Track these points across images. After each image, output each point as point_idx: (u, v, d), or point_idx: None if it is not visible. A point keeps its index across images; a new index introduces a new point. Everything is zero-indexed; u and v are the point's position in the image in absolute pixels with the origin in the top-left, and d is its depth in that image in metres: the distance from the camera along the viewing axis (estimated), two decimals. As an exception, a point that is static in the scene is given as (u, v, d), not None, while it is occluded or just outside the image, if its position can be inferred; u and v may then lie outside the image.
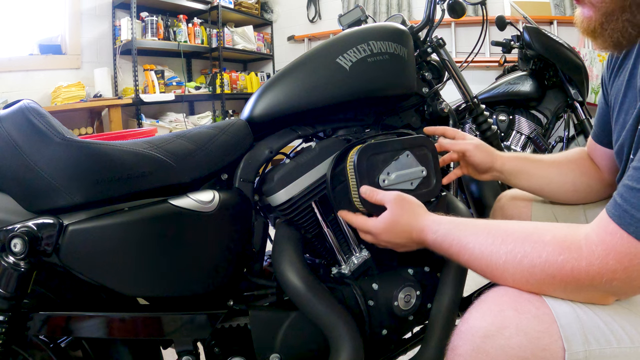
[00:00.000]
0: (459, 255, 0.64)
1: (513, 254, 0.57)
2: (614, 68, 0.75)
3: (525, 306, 0.54)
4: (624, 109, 0.69)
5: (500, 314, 0.54)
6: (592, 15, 0.64)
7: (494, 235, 0.60)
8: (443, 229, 0.68)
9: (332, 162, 0.84)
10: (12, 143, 0.68)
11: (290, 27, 4.70)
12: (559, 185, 0.91)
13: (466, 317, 0.58)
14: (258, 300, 0.88)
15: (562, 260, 0.53)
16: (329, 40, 0.90)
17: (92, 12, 3.47)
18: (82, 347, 0.79)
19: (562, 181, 0.90)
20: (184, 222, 0.76)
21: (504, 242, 0.59)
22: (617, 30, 0.61)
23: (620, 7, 0.60)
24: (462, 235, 0.64)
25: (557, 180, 0.91)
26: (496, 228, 0.62)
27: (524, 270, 0.56)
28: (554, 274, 0.54)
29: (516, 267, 0.56)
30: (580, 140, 2.39)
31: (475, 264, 0.62)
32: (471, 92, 1.25)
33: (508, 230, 0.60)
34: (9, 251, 0.65)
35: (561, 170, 0.91)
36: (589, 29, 0.65)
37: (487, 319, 0.54)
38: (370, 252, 0.91)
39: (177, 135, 0.81)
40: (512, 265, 0.57)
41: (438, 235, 0.68)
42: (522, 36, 2.24)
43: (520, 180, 0.93)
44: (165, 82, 3.75)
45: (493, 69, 3.40)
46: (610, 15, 0.61)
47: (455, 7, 1.13)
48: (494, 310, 0.55)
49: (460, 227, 0.66)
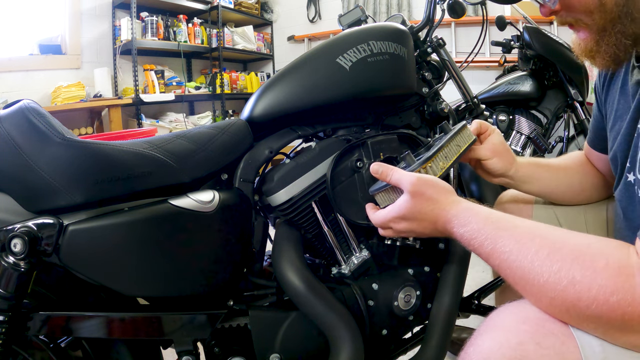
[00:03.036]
0: (489, 258, 0.56)
1: (558, 277, 0.48)
2: (607, 77, 0.75)
3: (549, 340, 0.48)
4: (618, 117, 0.70)
5: (519, 347, 0.47)
6: (587, 36, 0.65)
7: (539, 245, 0.51)
8: (475, 222, 0.59)
9: (332, 162, 0.84)
10: (12, 143, 0.68)
11: (290, 27, 4.70)
12: (566, 188, 0.91)
13: (478, 343, 0.51)
14: (258, 300, 0.88)
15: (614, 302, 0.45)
16: (329, 40, 0.90)
17: (92, 12, 3.47)
18: (82, 347, 0.79)
19: (569, 184, 0.90)
20: (184, 222, 0.76)
21: (549, 257, 0.50)
22: (612, 44, 0.62)
23: (610, 21, 0.61)
24: (497, 236, 0.56)
25: (564, 183, 0.91)
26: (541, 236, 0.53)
27: (566, 301, 0.48)
28: (600, 315, 0.46)
29: (558, 293, 0.48)
30: (580, 141, 2.39)
31: (507, 273, 0.54)
32: (471, 92, 1.25)
33: (556, 242, 0.51)
34: (9, 251, 0.65)
35: (567, 173, 0.91)
36: (586, 50, 0.66)
37: (504, 351, 0.48)
38: (370, 252, 0.91)
39: (177, 135, 0.81)
40: (553, 290, 0.49)
41: (466, 230, 0.60)
42: (522, 36, 2.24)
43: (529, 186, 0.91)
44: (165, 82, 3.75)
45: (493, 69, 3.40)
46: (603, 31, 0.62)
47: (455, 7, 1.13)
48: (512, 342, 0.48)
49: (497, 225, 0.57)
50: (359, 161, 0.87)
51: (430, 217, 0.65)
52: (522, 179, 0.89)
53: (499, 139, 0.88)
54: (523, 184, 0.90)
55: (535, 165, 0.91)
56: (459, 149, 0.81)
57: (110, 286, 0.71)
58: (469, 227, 0.60)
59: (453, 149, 0.80)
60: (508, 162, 0.87)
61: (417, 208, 0.66)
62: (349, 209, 0.86)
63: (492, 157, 0.87)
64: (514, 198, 1.01)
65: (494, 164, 0.87)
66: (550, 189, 0.91)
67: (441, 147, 0.77)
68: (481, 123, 0.88)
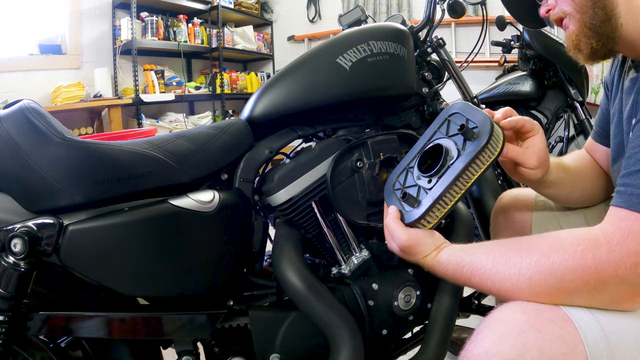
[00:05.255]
0: (471, 279, 0.61)
1: (528, 260, 0.55)
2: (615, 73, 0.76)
3: (548, 326, 0.50)
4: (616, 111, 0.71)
5: (521, 336, 0.49)
6: (572, 29, 0.67)
7: (510, 250, 0.58)
8: (453, 258, 0.65)
9: (332, 162, 0.84)
10: (12, 143, 0.68)
11: (290, 27, 4.70)
12: (582, 191, 0.87)
13: (479, 338, 0.52)
14: (258, 300, 0.88)
15: (581, 250, 0.52)
16: (329, 40, 0.90)
17: (92, 12, 3.47)
18: (82, 347, 0.79)
19: (584, 187, 0.87)
20: (184, 222, 0.76)
21: (518, 250, 0.57)
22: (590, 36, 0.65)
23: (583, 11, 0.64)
24: (472, 259, 0.62)
25: (579, 188, 0.87)
26: (507, 242, 0.60)
27: (543, 271, 0.53)
28: (575, 268, 0.51)
29: (533, 270, 0.54)
30: (580, 141, 2.39)
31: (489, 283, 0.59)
32: (471, 92, 1.25)
33: (521, 241, 0.58)
34: (9, 251, 0.65)
35: (582, 177, 0.87)
36: (571, 43, 0.68)
37: (506, 342, 0.49)
38: (370, 252, 0.91)
39: (177, 135, 0.81)
40: (529, 270, 0.54)
41: (448, 268, 0.66)
42: (522, 36, 2.24)
43: (549, 190, 0.84)
44: (165, 82, 3.75)
45: (493, 69, 3.40)
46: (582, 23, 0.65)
47: (455, 7, 1.13)
48: (513, 332, 0.50)
49: (470, 251, 0.63)
50: (359, 161, 0.87)
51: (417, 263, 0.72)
52: (552, 183, 0.81)
53: (544, 144, 0.75)
54: (543, 187, 0.83)
55: (561, 169, 0.83)
56: (474, 174, 0.68)
57: (110, 286, 0.71)
58: (450, 266, 0.65)
59: (468, 174, 0.68)
60: (547, 169, 0.77)
61: (405, 256, 0.73)
62: (349, 209, 0.86)
63: (537, 167, 0.75)
64: (514, 198, 1.00)
65: (535, 174, 0.76)
66: (567, 194, 0.86)
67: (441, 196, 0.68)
68: (526, 120, 0.74)
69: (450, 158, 0.70)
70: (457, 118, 0.74)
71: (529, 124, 0.74)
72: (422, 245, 0.70)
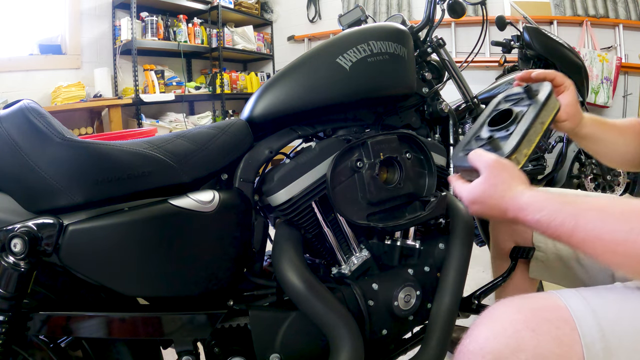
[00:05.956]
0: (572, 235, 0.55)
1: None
2: None
3: (544, 326, 0.50)
4: None
5: (516, 335, 0.49)
6: None
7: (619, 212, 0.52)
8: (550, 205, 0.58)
9: (332, 162, 0.84)
10: (12, 143, 0.68)
11: (290, 27, 4.70)
12: (623, 153, 0.87)
13: (474, 334, 0.53)
14: (258, 300, 0.88)
15: None
16: (329, 40, 0.90)
17: (92, 12, 3.47)
18: (82, 347, 0.79)
19: (625, 150, 0.87)
20: (184, 222, 0.76)
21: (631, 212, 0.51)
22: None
23: None
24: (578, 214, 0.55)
25: (621, 149, 0.87)
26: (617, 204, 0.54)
27: None
28: None
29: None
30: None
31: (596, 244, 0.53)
32: (471, 92, 1.25)
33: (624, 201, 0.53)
34: (9, 251, 0.65)
35: (626, 138, 0.87)
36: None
37: (500, 340, 0.50)
38: (370, 252, 0.91)
39: (177, 135, 0.81)
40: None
41: (543, 215, 0.58)
42: (522, 36, 2.25)
43: (589, 144, 0.88)
44: (165, 82, 3.75)
45: (493, 69, 3.40)
46: None
47: (455, 7, 1.13)
48: (508, 330, 0.50)
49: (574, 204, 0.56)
50: (359, 161, 0.87)
51: (500, 207, 0.63)
52: (584, 136, 0.85)
53: (573, 98, 0.81)
54: (583, 140, 0.87)
55: (599, 124, 0.86)
56: (542, 126, 0.74)
57: (110, 286, 0.71)
58: (546, 212, 0.58)
59: (537, 127, 0.73)
60: (576, 122, 0.83)
61: (488, 193, 0.64)
62: (349, 209, 0.86)
63: (565, 119, 0.81)
64: None
65: (563, 126, 0.82)
66: (605, 152, 0.88)
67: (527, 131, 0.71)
68: (556, 75, 0.81)
69: (520, 112, 0.76)
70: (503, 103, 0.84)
71: (559, 78, 0.80)
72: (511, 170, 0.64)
